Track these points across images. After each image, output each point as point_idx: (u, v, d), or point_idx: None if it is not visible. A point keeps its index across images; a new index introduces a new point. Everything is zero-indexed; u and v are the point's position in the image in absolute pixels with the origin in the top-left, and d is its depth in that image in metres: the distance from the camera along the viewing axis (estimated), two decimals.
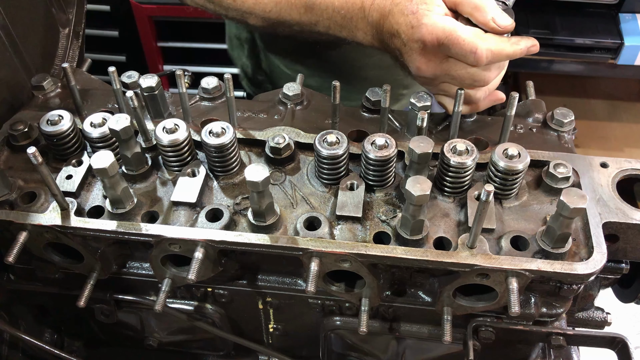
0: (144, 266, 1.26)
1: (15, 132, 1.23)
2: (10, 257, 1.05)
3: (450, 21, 1.09)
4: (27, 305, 1.49)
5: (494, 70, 1.14)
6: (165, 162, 1.19)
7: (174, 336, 1.51)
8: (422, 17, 1.09)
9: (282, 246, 1.05)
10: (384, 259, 1.04)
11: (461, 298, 1.13)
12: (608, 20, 2.89)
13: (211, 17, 1.48)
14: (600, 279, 1.34)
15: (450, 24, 1.08)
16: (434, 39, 1.09)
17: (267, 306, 1.33)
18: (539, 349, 1.34)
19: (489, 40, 1.07)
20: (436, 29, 1.08)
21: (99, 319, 1.40)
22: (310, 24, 1.31)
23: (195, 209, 1.12)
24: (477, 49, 1.05)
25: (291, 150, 1.20)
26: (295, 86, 1.37)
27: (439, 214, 1.12)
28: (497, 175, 1.10)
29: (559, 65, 3.12)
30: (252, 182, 0.97)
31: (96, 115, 1.18)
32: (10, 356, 1.45)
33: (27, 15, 1.42)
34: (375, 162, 1.10)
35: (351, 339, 1.38)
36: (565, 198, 0.94)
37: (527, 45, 1.10)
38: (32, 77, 1.39)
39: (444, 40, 1.08)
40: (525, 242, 1.06)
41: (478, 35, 1.07)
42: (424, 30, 1.09)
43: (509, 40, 1.09)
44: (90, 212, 1.13)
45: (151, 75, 1.26)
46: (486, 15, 1.08)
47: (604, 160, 1.19)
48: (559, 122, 1.28)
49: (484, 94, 1.20)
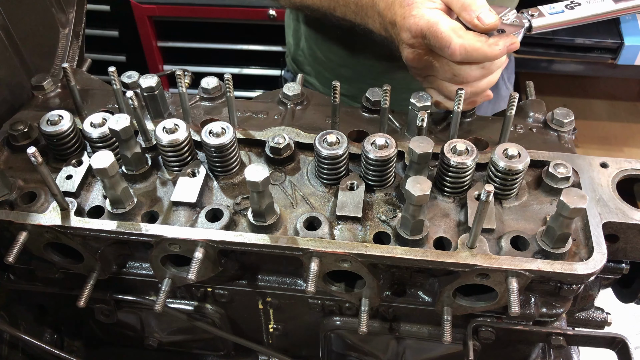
0: (144, 266, 1.26)
1: (15, 132, 1.23)
2: (10, 257, 1.05)
3: (436, 14, 1.11)
4: (27, 305, 1.49)
5: (476, 69, 1.14)
6: (165, 162, 1.19)
7: (174, 336, 1.51)
8: (413, 9, 1.13)
9: (282, 246, 1.05)
10: (384, 259, 1.04)
11: (461, 298, 1.13)
12: (608, 20, 2.89)
13: (211, 17, 1.50)
14: (600, 279, 1.34)
15: (434, 16, 1.10)
16: (418, 29, 1.12)
17: (267, 306, 1.33)
18: (539, 349, 1.34)
19: (465, 37, 1.07)
20: (421, 21, 1.11)
21: (99, 319, 1.40)
22: (330, 9, 1.43)
23: (195, 209, 1.12)
24: (451, 43, 1.07)
25: (291, 150, 1.20)
26: (295, 86, 1.37)
27: (439, 214, 1.12)
28: (497, 175, 1.10)
29: (559, 65, 3.13)
30: (252, 182, 0.97)
31: (96, 115, 1.18)
32: (10, 356, 1.45)
33: (27, 15, 1.42)
34: (375, 162, 1.11)
35: (351, 339, 1.38)
36: (565, 198, 0.94)
37: (505, 45, 1.09)
38: (32, 77, 1.39)
39: (426, 32, 1.10)
40: (525, 242, 1.06)
41: (455, 30, 1.08)
42: (412, 21, 1.12)
43: (487, 40, 1.09)
44: (90, 212, 1.13)
45: (151, 75, 1.27)
46: (472, 13, 1.09)
47: (604, 160, 1.19)
48: (559, 122, 1.28)
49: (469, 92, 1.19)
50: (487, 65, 1.15)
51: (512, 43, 1.10)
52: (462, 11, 1.10)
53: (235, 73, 2.78)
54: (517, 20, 1.13)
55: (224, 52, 3.39)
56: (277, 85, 1.41)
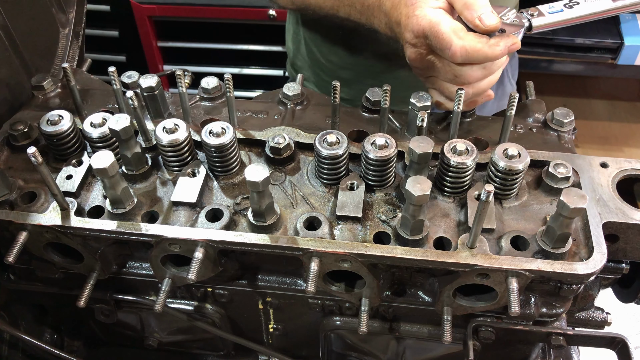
0: (144, 266, 1.26)
1: (15, 132, 1.23)
2: (10, 257, 1.05)
3: (439, 14, 1.10)
4: (27, 305, 1.49)
5: (477, 69, 1.14)
6: (165, 162, 1.19)
7: (174, 336, 1.51)
8: (416, 9, 1.13)
9: (282, 246, 1.05)
10: (384, 259, 1.04)
11: (461, 298, 1.13)
12: (608, 20, 2.89)
13: (211, 17, 1.50)
14: (600, 279, 1.34)
15: (437, 16, 1.09)
16: (420, 29, 1.11)
17: (267, 306, 1.33)
18: (539, 349, 1.34)
19: (466, 39, 1.07)
20: (424, 20, 1.10)
21: (99, 319, 1.40)
22: (333, 9, 1.41)
23: (195, 209, 1.12)
24: (452, 45, 1.06)
25: (291, 150, 1.20)
26: (295, 86, 1.37)
27: (439, 214, 1.12)
28: (497, 175, 1.10)
29: (559, 65, 3.13)
30: (252, 182, 0.97)
31: (96, 115, 1.18)
32: (10, 356, 1.45)
33: (27, 15, 1.42)
34: (375, 162, 1.11)
35: (351, 339, 1.38)
36: (565, 198, 0.94)
37: (507, 45, 1.09)
38: (32, 77, 1.39)
39: (428, 32, 1.10)
40: (525, 242, 1.06)
41: (456, 31, 1.08)
42: (414, 20, 1.12)
43: (488, 41, 1.08)
44: (90, 212, 1.13)
45: (151, 75, 1.27)
46: (474, 13, 1.08)
47: (604, 160, 1.19)
48: (559, 122, 1.28)
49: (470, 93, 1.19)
50: (488, 66, 1.15)
51: (513, 43, 1.09)
52: (464, 10, 1.09)
53: (235, 73, 2.78)
54: (517, 19, 1.13)
55: (224, 52, 3.39)
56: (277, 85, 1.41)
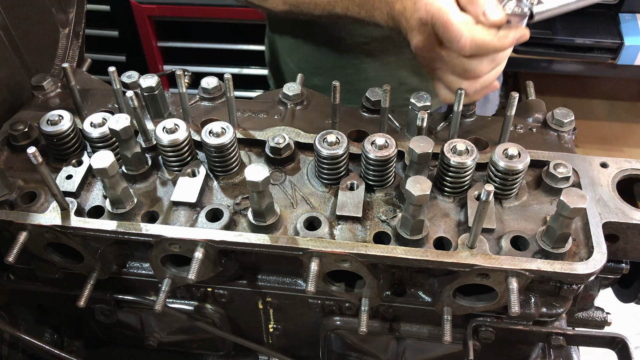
0: (144, 266, 1.26)
1: (15, 132, 1.23)
2: (10, 257, 1.05)
3: (449, 3, 1.08)
4: (27, 305, 1.49)
5: (487, 63, 1.13)
6: (165, 162, 1.19)
7: (174, 336, 1.51)
8: None
9: (282, 246, 1.05)
10: (384, 259, 1.04)
11: (461, 298, 1.13)
12: (608, 20, 2.89)
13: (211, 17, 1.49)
14: (600, 279, 1.34)
15: (447, 6, 1.07)
16: (429, 17, 1.09)
17: (267, 306, 1.33)
18: (539, 349, 1.34)
19: (475, 31, 1.06)
20: (433, 8, 1.08)
21: (99, 319, 1.40)
22: (329, 4, 1.36)
23: (195, 209, 1.12)
24: (462, 37, 1.05)
25: (291, 150, 1.20)
26: (295, 86, 1.37)
27: (439, 214, 1.12)
28: (497, 175, 1.10)
29: (559, 65, 3.12)
30: (252, 182, 0.97)
31: (96, 115, 1.18)
32: (10, 356, 1.45)
33: (27, 15, 1.42)
34: (375, 162, 1.10)
35: (351, 339, 1.38)
36: (565, 198, 0.94)
37: (515, 37, 1.08)
38: (32, 77, 1.39)
39: (437, 21, 1.08)
40: (525, 242, 1.06)
41: (467, 23, 1.06)
42: (423, 8, 1.10)
43: (496, 33, 1.07)
44: (90, 212, 1.13)
45: (151, 75, 1.26)
46: (478, 7, 1.06)
47: (604, 160, 1.19)
48: (559, 122, 1.28)
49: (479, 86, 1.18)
50: (496, 58, 1.14)
51: (522, 35, 1.08)
52: (468, 4, 1.08)
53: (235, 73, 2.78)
54: (518, 8, 1.12)
55: (224, 52, 3.38)
56: None
